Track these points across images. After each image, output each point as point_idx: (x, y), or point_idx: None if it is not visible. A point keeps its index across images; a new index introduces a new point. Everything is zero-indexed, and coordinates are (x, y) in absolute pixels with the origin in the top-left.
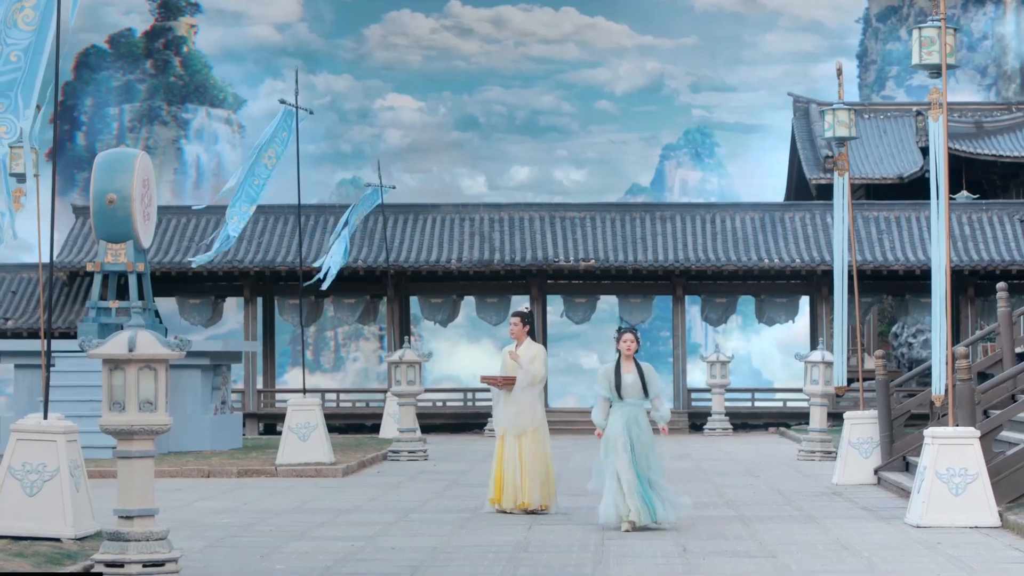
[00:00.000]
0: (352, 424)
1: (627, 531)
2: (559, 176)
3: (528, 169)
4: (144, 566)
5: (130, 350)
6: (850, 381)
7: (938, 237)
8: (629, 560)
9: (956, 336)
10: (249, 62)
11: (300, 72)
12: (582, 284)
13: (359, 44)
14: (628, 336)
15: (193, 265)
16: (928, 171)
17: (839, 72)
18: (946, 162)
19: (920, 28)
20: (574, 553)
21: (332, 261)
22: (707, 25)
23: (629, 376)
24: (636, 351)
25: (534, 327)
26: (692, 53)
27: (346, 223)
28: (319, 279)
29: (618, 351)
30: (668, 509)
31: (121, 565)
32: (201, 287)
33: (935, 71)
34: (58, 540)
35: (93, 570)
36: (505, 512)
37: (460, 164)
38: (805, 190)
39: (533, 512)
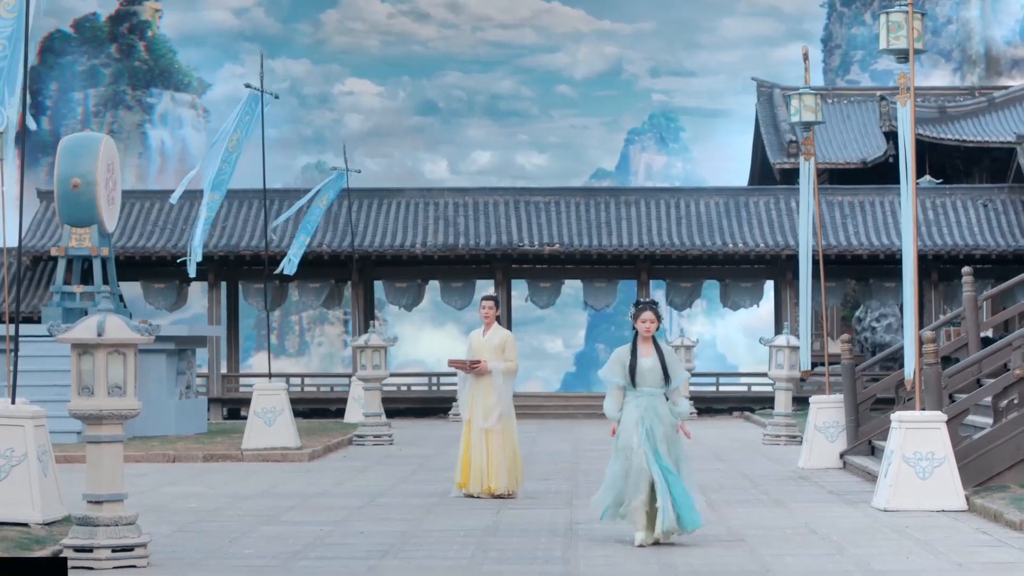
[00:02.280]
0: (317, 409)
1: (641, 545)
2: (521, 160)
3: (490, 153)
4: (113, 551)
5: (99, 335)
6: (814, 365)
7: (907, 222)
8: (598, 545)
9: (921, 321)
10: (208, 47)
11: (259, 56)
12: (547, 268)
13: (316, 29)
14: (648, 314)
15: (192, 274)
16: (892, 156)
17: (805, 57)
18: (913, 147)
19: (888, 13)
20: (543, 538)
21: (295, 250)
22: (664, 10)
23: (647, 360)
24: (657, 330)
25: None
26: (650, 38)
27: (309, 207)
28: (283, 269)
29: (635, 330)
30: (690, 519)
31: (90, 550)
32: (165, 271)
33: (902, 56)
34: (26, 525)
35: (62, 555)
36: (472, 497)
37: (421, 149)
38: (769, 175)
39: (500, 497)
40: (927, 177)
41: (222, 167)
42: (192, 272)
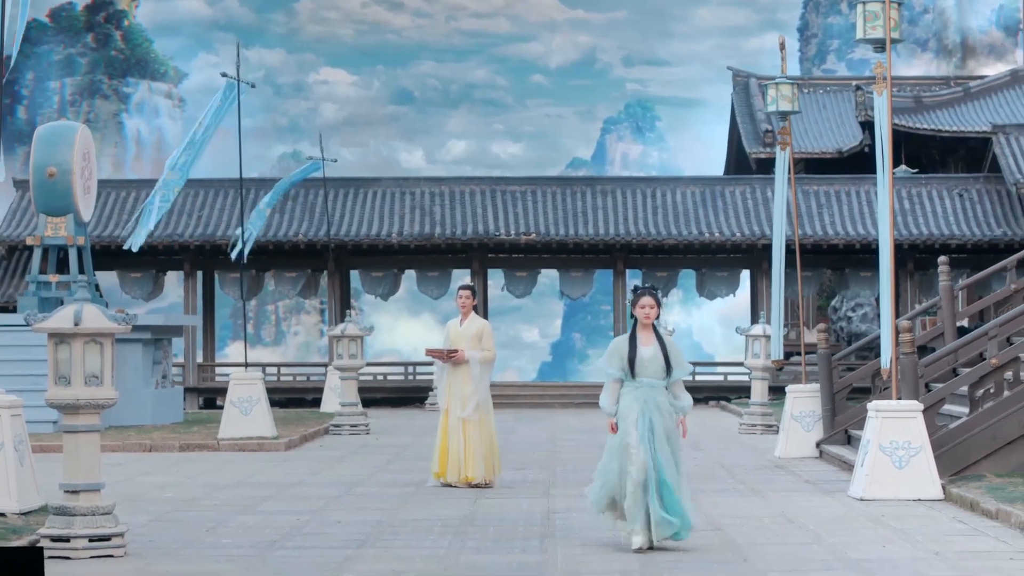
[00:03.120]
0: (293, 398)
1: (646, 549)
2: (496, 150)
3: (465, 143)
4: (90, 540)
5: (76, 324)
6: (789, 355)
7: (884, 211)
8: (575, 533)
9: (897, 310)
10: (183, 36)
11: (233, 46)
12: (523, 258)
13: (290, 18)
14: (647, 299)
15: (134, 249)
16: (868, 145)
17: (782, 46)
18: (890, 136)
19: (864, 3)
20: (520, 527)
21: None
22: None
23: (647, 350)
24: (657, 318)
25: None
26: (623, 27)
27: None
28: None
29: (633, 317)
30: (684, 527)
31: (67, 540)
32: (141, 261)
33: (879, 45)
34: (3, 515)
35: (39, 545)
36: (449, 486)
37: (397, 138)
38: (745, 164)
39: (477, 486)
40: (903, 167)
41: (186, 149)
42: (135, 247)
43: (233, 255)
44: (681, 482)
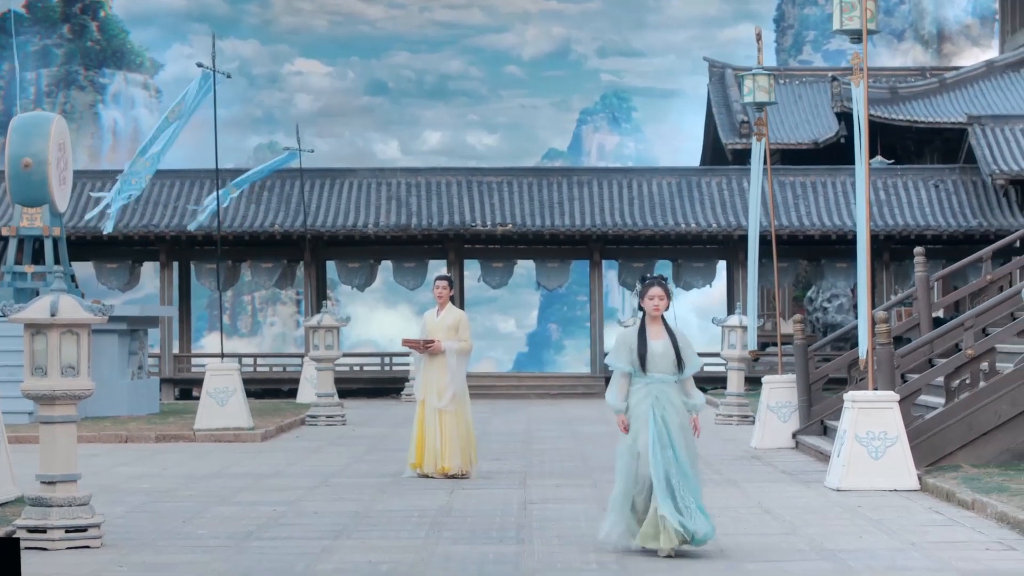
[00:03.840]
0: (269, 389)
1: (674, 551)
2: (472, 141)
3: (440, 134)
4: (67, 531)
5: (52, 315)
6: (765, 345)
7: (861, 202)
8: (552, 524)
9: (873, 301)
10: (157, 27)
11: (207, 36)
12: (499, 249)
13: (264, 9)
14: (655, 289)
15: (105, 231)
16: (844, 136)
17: (758, 37)
18: (867, 127)
19: None
20: (497, 517)
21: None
22: None
23: (658, 344)
24: (667, 309)
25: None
26: (597, 18)
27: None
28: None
29: (641, 309)
30: (702, 525)
31: (44, 531)
32: (117, 252)
33: (856, 36)
34: None
35: (15, 535)
36: (426, 477)
37: (372, 129)
38: (721, 155)
39: (454, 477)
40: (879, 158)
41: (156, 135)
42: (108, 229)
43: (192, 226)
44: (697, 482)
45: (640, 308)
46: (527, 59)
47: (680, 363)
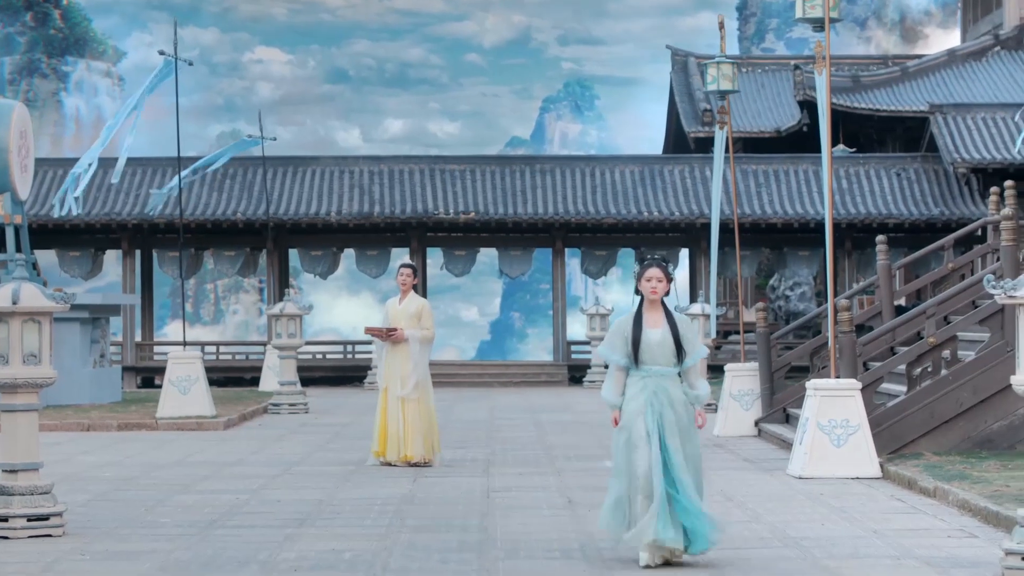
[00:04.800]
0: (231, 377)
1: (656, 566)
2: (433, 129)
3: (402, 122)
4: (29, 520)
5: (14, 303)
6: (728, 334)
7: (825, 190)
8: (515, 512)
9: (835, 289)
10: (117, 15)
11: (167, 25)
12: (462, 237)
13: None
14: (653, 271)
15: (75, 211)
16: (806, 125)
17: (721, 26)
18: (829, 116)
19: None
20: (460, 505)
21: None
22: None
23: (655, 332)
24: (667, 294)
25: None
26: (557, 6)
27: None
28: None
29: (638, 293)
30: (700, 536)
31: (5, 519)
32: (79, 240)
33: (818, 25)
34: None
35: None
36: (389, 465)
37: (333, 117)
38: (684, 143)
39: (416, 465)
40: (841, 146)
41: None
42: (76, 209)
43: (148, 207)
44: (698, 486)
45: (637, 292)
46: (488, 47)
47: (680, 353)
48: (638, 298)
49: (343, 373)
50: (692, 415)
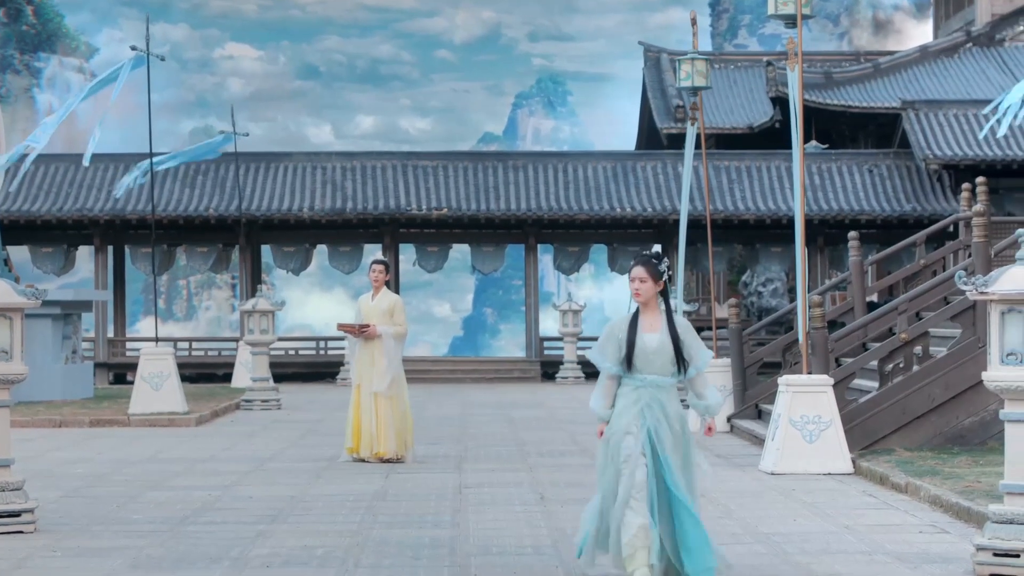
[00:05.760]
0: (204, 373)
1: None
2: (405, 125)
3: (373, 118)
4: (0, 517)
5: None
6: (700, 329)
7: (798, 186)
8: (488, 508)
9: (807, 285)
10: (87, 11)
11: (137, 21)
12: (435, 233)
13: None
14: (636, 271)
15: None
16: (779, 121)
17: (693, 22)
18: (801, 112)
19: None
20: (432, 501)
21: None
22: None
23: (652, 337)
24: (659, 292)
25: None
26: (527, 3)
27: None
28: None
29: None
30: (698, 560)
31: None
32: (52, 236)
33: (791, 21)
34: None
35: None
36: (362, 461)
37: (304, 113)
38: (656, 139)
39: (389, 461)
40: (813, 142)
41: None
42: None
43: (118, 192)
44: (695, 512)
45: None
46: (458, 43)
47: (680, 362)
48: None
49: (316, 369)
50: (687, 429)
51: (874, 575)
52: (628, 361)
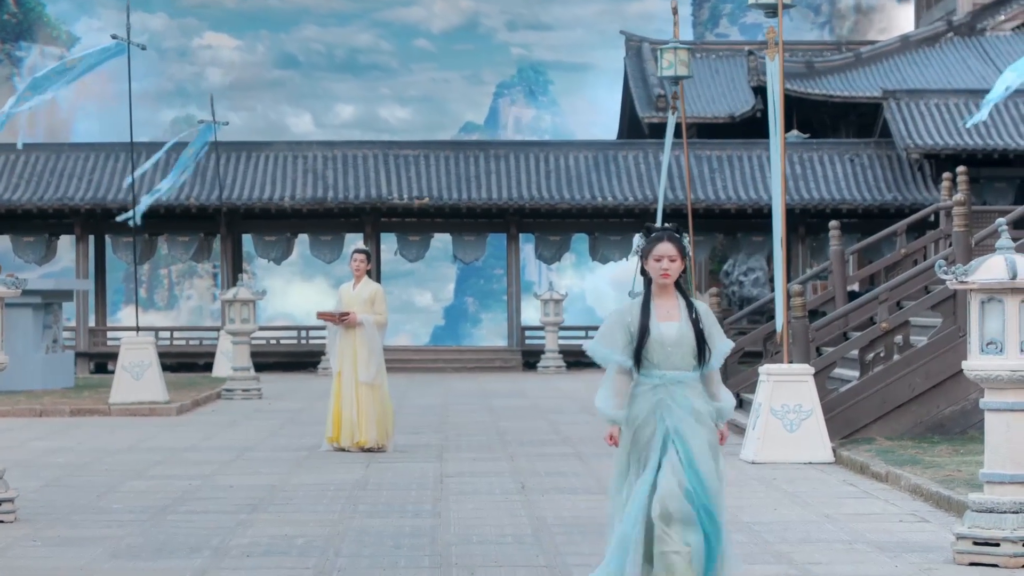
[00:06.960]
0: (185, 363)
1: None
2: (384, 114)
3: (353, 107)
4: None
5: None
6: None
7: (777, 175)
8: (468, 497)
9: (789, 274)
10: (63, 0)
11: (116, 11)
12: (416, 222)
13: None
14: (665, 248)
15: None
16: (760, 110)
17: (675, 11)
18: (782, 101)
19: None
20: (413, 491)
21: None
22: None
23: (670, 327)
24: (683, 273)
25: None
26: None
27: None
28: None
29: (644, 275)
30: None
31: None
32: (33, 225)
33: (771, 10)
34: None
35: None
36: (343, 450)
37: (284, 102)
38: (638, 128)
39: (370, 450)
40: (794, 132)
41: (50, 75)
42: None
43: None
44: (717, 515)
45: (644, 273)
46: (437, 32)
47: (702, 353)
48: (646, 281)
49: (297, 359)
50: (714, 430)
51: (854, 564)
52: (639, 353)
